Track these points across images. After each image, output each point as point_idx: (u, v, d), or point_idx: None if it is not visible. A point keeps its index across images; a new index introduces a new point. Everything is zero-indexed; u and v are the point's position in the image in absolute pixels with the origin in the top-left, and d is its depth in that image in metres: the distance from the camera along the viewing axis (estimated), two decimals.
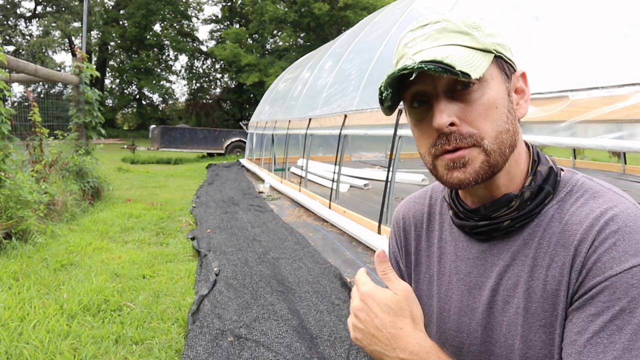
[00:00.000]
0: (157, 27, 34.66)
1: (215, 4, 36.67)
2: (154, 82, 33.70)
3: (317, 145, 9.95)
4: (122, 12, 32.93)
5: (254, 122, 12.30)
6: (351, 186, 7.05)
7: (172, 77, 37.64)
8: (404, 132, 3.79)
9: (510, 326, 0.65)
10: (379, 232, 3.94)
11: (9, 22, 29.51)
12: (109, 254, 3.72)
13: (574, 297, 0.59)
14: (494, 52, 0.63)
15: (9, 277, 3.01)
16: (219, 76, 37.93)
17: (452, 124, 0.61)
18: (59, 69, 27.51)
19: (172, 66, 36.65)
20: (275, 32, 31.23)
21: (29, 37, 29.61)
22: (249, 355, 2.14)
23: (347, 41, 7.36)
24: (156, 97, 36.33)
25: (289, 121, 8.04)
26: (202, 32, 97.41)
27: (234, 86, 35.01)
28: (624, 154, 8.31)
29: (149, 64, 33.77)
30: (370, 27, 6.60)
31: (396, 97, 0.65)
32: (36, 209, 4.05)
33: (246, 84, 30.53)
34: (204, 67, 38.26)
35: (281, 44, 31.56)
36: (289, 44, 31.13)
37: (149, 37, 33.50)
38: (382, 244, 3.65)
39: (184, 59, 45.07)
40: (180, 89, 64.82)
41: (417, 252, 0.82)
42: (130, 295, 2.88)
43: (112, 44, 33.60)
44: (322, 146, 10.47)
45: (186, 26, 35.56)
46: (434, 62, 0.57)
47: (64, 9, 29.53)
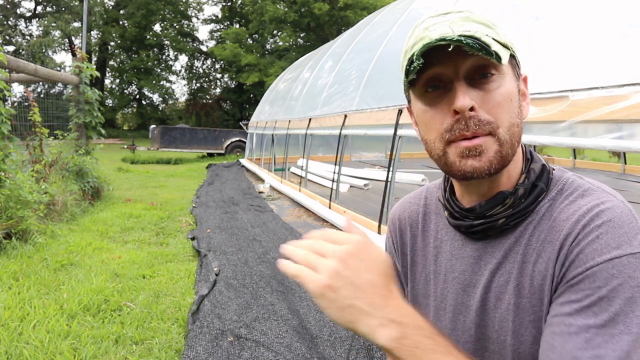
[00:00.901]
0: (157, 27, 34.70)
1: (215, 4, 36.70)
2: (154, 82, 33.71)
3: (317, 145, 9.94)
4: (122, 12, 32.93)
5: (254, 122, 12.30)
6: (351, 186, 7.05)
7: (172, 77, 37.70)
8: (404, 132, 3.78)
9: (502, 323, 0.66)
10: (379, 232, 3.94)
11: (9, 22, 29.51)
12: (109, 254, 3.72)
13: (557, 288, 0.60)
14: (510, 50, 0.64)
15: (9, 277, 3.01)
16: (219, 76, 37.98)
17: (472, 109, 0.61)
18: (59, 69, 27.51)
19: (172, 66, 36.69)
20: (275, 32, 31.23)
21: (29, 37, 29.62)
22: (249, 355, 2.13)
23: (347, 41, 7.36)
24: (156, 97, 36.40)
25: (289, 121, 8.04)
26: (202, 32, 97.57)
27: (234, 86, 35.01)
28: (624, 154, 8.31)
29: (149, 64, 33.77)
30: (370, 27, 6.60)
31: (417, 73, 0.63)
32: (36, 209, 4.05)
33: (246, 84, 30.53)
34: (204, 67, 38.31)
35: (281, 44, 31.56)
36: (289, 44, 31.13)
37: (149, 37, 33.50)
38: (382, 244, 3.64)
39: (184, 59, 45.14)
40: (180, 89, 64.92)
41: (413, 252, 0.82)
42: (130, 295, 2.87)
43: (112, 44, 33.60)
44: (322, 146, 10.47)
45: (186, 26, 35.57)
46: (472, 38, 0.57)
47: (64, 9, 29.53)
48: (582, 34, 2.36)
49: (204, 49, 36.86)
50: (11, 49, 26.85)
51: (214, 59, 35.44)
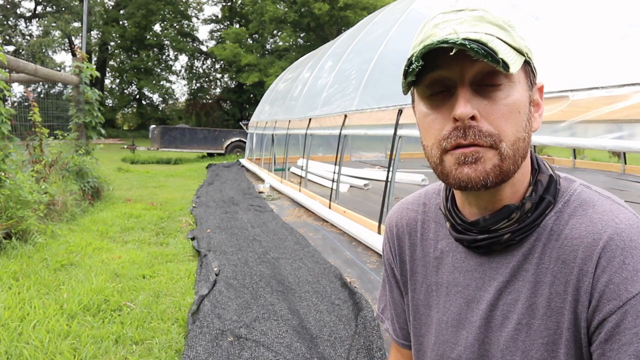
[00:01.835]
0: (157, 27, 34.68)
1: (215, 4, 36.69)
2: (154, 82, 33.70)
3: (317, 145, 9.95)
4: (122, 12, 32.93)
5: (254, 122, 12.31)
6: (351, 186, 7.05)
7: (172, 77, 37.68)
8: (404, 132, 3.79)
9: (508, 342, 0.64)
10: (379, 232, 3.94)
11: (9, 22, 29.50)
12: (109, 254, 3.72)
13: (592, 323, 0.57)
14: (525, 56, 0.60)
15: (9, 277, 3.01)
16: (219, 76, 37.97)
17: (473, 118, 0.57)
18: (59, 69, 27.51)
19: (172, 66, 36.68)
20: (275, 32, 31.22)
21: (29, 37, 29.62)
22: (249, 355, 2.13)
23: (347, 41, 7.36)
24: (156, 97, 36.39)
25: (289, 121, 8.04)
26: (202, 32, 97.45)
27: (234, 86, 35.01)
28: (624, 154, 8.31)
29: (149, 64, 33.76)
30: (370, 27, 6.60)
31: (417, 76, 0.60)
32: (36, 209, 4.05)
33: (246, 84, 30.53)
34: (204, 67, 38.31)
35: (281, 44, 31.55)
36: (289, 44, 31.12)
37: (149, 37, 33.50)
38: (381, 244, 3.64)
39: (184, 59, 45.08)
40: (180, 89, 64.91)
41: (412, 260, 0.80)
42: (130, 295, 2.88)
43: (112, 44, 33.60)
44: (322, 146, 10.47)
45: (186, 26, 35.56)
46: (478, 43, 0.53)
47: (64, 9, 29.53)
48: (582, 34, 2.36)
49: (204, 49, 36.88)
50: (11, 49, 26.86)
51: (214, 59, 35.44)
